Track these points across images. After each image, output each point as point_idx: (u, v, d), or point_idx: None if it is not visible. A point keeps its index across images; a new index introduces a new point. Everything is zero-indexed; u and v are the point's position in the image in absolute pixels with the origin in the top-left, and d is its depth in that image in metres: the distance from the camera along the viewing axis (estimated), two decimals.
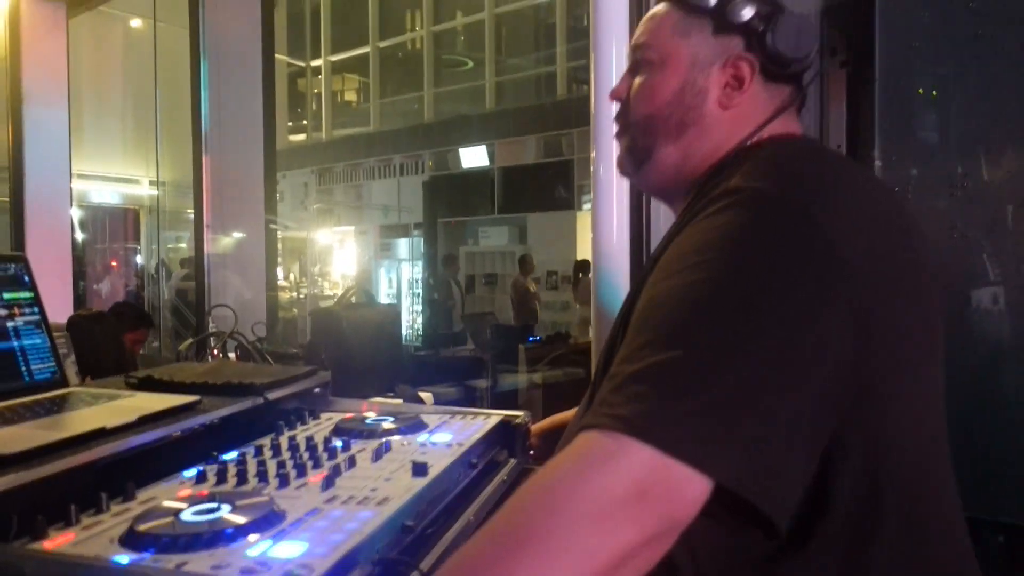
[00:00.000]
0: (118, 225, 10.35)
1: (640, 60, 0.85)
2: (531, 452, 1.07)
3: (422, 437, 0.95)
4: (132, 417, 0.81)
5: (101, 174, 9.46)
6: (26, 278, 0.99)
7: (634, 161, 0.87)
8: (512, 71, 13.38)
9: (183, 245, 9.07)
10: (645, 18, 0.87)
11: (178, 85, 3.30)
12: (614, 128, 0.90)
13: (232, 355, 1.79)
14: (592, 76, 1.64)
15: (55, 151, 3.82)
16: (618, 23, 1.62)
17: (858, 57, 1.86)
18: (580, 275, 7.68)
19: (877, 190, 0.77)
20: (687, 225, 0.69)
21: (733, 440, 0.55)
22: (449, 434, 0.96)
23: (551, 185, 11.00)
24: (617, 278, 1.47)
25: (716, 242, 0.64)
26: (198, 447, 0.86)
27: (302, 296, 10.91)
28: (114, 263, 10.02)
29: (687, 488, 0.54)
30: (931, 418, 0.72)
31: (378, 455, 0.85)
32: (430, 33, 14.34)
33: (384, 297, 11.85)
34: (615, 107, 0.89)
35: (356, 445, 0.90)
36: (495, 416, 1.05)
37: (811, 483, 0.62)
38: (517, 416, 1.06)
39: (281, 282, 10.97)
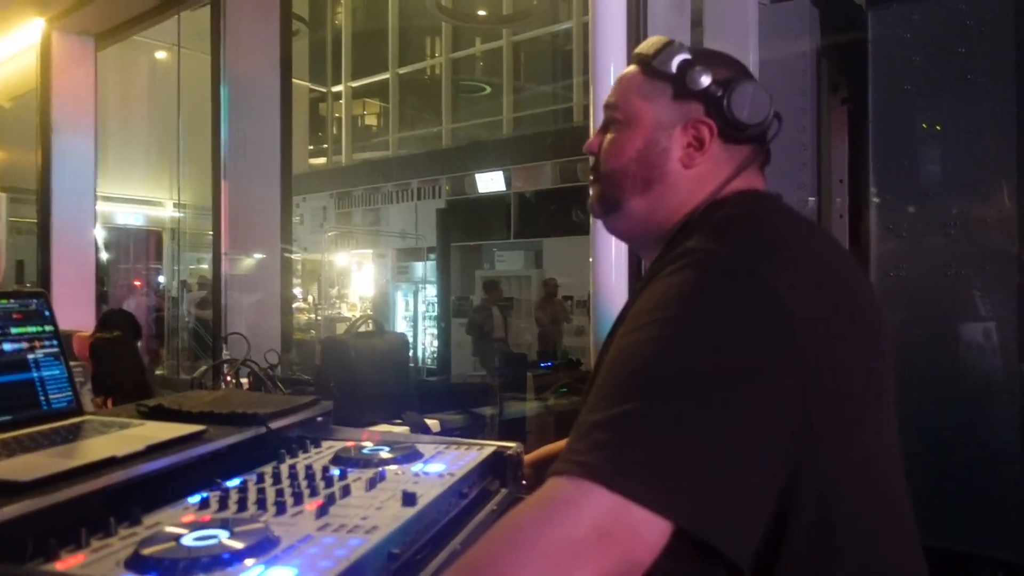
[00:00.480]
0: (142, 246, 10.56)
1: (610, 118, 0.91)
2: (524, 482, 1.10)
3: (416, 467, 0.99)
4: (141, 446, 0.85)
5: (126, 196, 9.67)
6: (46, 312, 1.04)
7: (604, 208, 0.93)
8: (529, 98, 13.54)
9: (204, 266, 9.22)
10: (616, 79, 0.93)
11: (200, 111, 3.40)
12: (590, 177, 0.96)
13: (245, 381, 1.84)
14: (591, 107, 1.70)
15: (81, 177, 3.95)
16: (616, 55, 1.67)
17: (858, 94, 1.91)
18: None
19: (826, 247, 0.81)
20: (651, 281, 0.74)
21: (689, 484, 0.59)
22: (442, 464, 0.99)
23: (567, 210, 11.07)
24: (615, 313, 1.51)
25: (673, 300, 0.68)
26: (203, 474, 0.90)
27: (319, 318, 11.02)
28: (138, 283, 10.20)
29: (646, 530, 0.57)
30: (882, 458, 0.76)
31: (372, 484, 0.89)
32: (449, 60, 14.57)
33: (401, 320, 11.93)
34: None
35: (352, 474, 0.94)
36: (489, 447, 1.09)
37: (768, 526, 0.65)
38: (510, 447, 1.10)
39: (300, 303, 11.10)
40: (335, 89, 16.27)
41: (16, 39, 4.17)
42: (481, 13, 12.44)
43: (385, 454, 1.02)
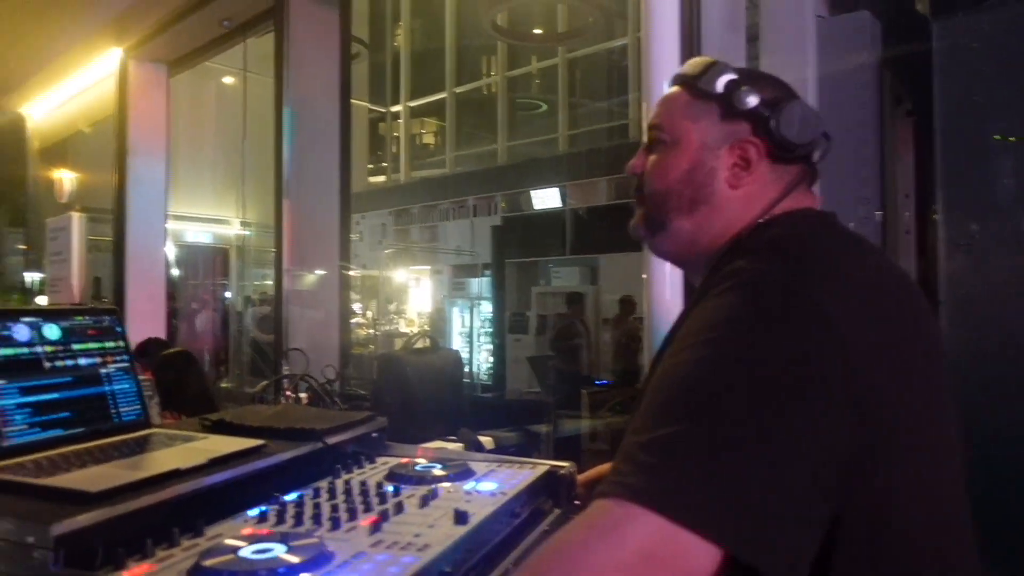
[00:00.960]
0: (209, 263, 10.95)
1: (655, 139, 0.91)
2: (576, 502, 1.10)
3: (469, 485, 0.99)
4: (204, 459, 0.89)
5: (195, 215, 10.06)
6: (118, 328, 1.10)
7: (649, 229, 0.93)
8: (585, 114, 13.57)
9: (269, 282, 9.49)
10: (660, 99, 0.93)
11: (264, 133, 3.52)
12: (633, 198, 0.95)
13: (304, 396, 1.89)
14: (644, 123, 1.69)
15: (154, 198, 4.14)
16: (669, 73, 1.66)
17: (924, 106, 1.85)
18: None
19: (883, 269, 0.78)
20: (699, 302, 0.73)
21: (740, 509, 0.58)
22: (495, 483, 0.99)
23: (623, 226, 10.99)
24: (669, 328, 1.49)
25: (720, 321, 0.67)
26: (262, 488, 0.93)
27: (378, 333, 11.20)
28: (207, 298, 10.57)
29: (695, 555, 0.56)
30: (939, 491, 0.72)
31: (425, 501, 0.90)
32: (504, 78, 14.73)
33: (457, 336, 12.02)
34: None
35: (406, 491, 0.95)
36: (542, 465, 1.09)
37: (814, 556, 0.63)
38: (563, 466, 1.09)
39: (359, 319, 11.30)
40: (394, 109, 16.63)
41: (96, 68, 4.42)
42: (536, 31, 12.55)
43: (438, 471, 1.03)
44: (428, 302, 13.72)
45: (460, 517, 0.83)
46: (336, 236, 3.13)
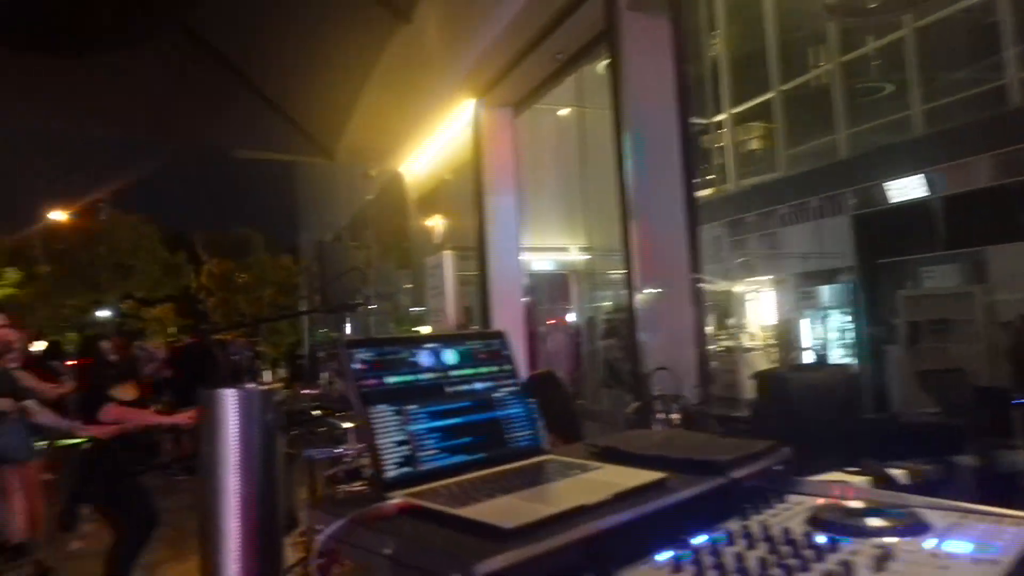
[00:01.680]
0: (553, 288, 11.73)
1: None
2: None
3: (929, 543, 0.76)
4: (607, 494, 0.81)
5: (539, 246, 10.86)
6: (505, 351, 1.08)
7: None
8: (943, 88, 11.67)
9: (608, 304, 9.83)
10: None
11: (599, 160, 3.57)
12: None
13: (675, 417, 1.78)
14: None
15: (509, 232, 4.48)
16: None
17: None
18: None
19: None
20: None
21: None
22: (969, 543, 0.75)
23: (1015, 211, 9.09)
24: None
25: None
26: (666, 527, 0.82)
27: (722, 349, 10.83)
28: (553, 321, 11.32)
29: None
30: None
31: (879, 564, 0.70)
32: (838, 65, 13.41)
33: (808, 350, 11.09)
34: None
35: (844, 545, 0.76)
36: None
37: None
38: None
39: None
40: (716, 119, 16.21)
41: (454, 121, 4.97)
42: (873, 5, 11.16)
43: (876, 521, 0.81)
44: (772, 314, 12.89)
45: None
46: (685, 251, 3.01)
